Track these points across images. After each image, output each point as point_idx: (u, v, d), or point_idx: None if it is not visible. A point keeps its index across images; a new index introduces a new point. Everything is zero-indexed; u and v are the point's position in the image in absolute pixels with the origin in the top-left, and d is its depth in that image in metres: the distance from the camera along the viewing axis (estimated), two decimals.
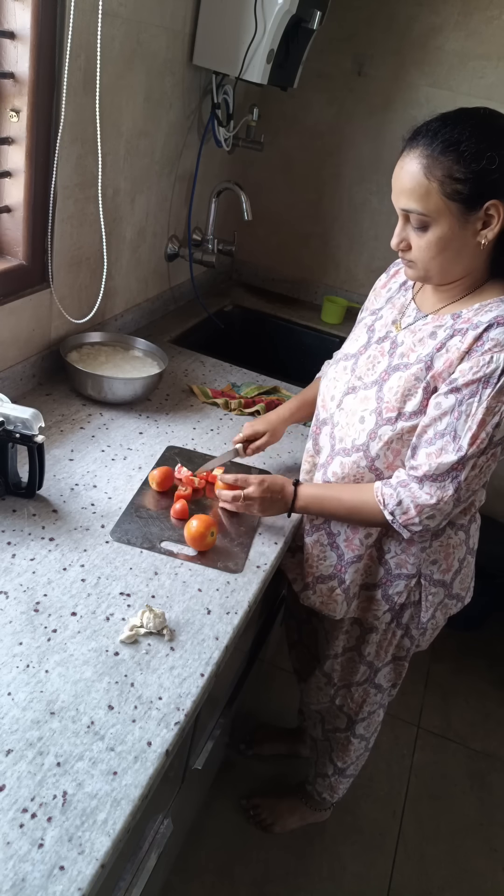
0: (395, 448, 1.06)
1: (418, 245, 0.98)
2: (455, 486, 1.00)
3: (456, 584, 1.21)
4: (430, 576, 1.18)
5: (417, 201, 0.93)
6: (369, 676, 1.34)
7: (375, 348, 1.12)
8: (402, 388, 1.04)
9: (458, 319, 1.01)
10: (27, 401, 1.38)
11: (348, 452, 1.11)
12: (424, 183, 0.92)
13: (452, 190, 0.91)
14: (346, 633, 1.31)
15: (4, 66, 1.16)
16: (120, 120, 1.43)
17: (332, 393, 1.17)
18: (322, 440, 1.20)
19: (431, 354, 1.02)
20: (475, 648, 2.39)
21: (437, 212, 0.93)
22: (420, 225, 0.96)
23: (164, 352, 1.56)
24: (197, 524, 1.08)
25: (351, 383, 1.13)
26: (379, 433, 1.06)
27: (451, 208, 0.92)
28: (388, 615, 1.23)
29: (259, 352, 2.20)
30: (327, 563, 1.22)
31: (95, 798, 0.71)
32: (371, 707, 1.40)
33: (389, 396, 1.05)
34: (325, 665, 1.38)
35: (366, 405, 1.08)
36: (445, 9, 1.88)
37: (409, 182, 0.94)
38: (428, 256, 0.98)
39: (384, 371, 1.08)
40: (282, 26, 1.54)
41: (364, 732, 1.46)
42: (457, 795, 1.90)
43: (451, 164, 0.90)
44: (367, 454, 1.08)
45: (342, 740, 1.48)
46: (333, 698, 1.42)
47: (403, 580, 1.18)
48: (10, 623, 0.89)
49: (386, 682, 1.35)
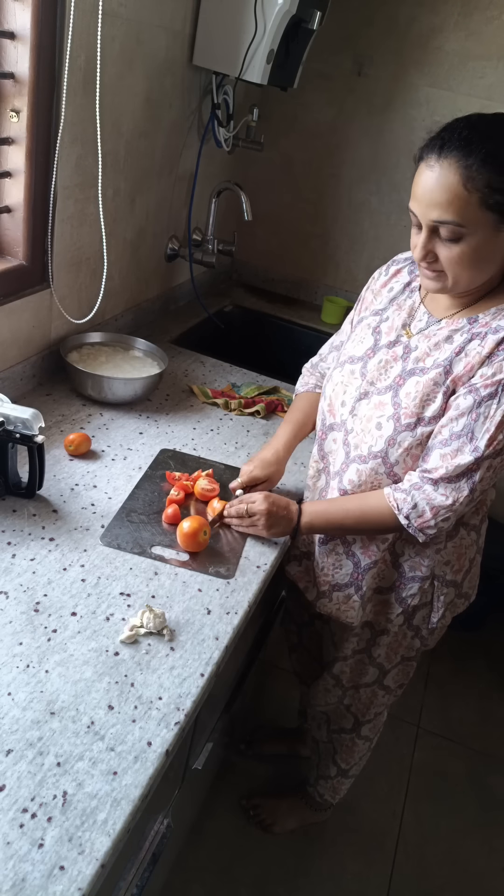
0: (415, 454, 1.05)
1: (448, 257, 0.95)
2: (470, 486, 0.99)
3: (466, 583, 1.22)
4: (443, 577, 1.18)
5: (455, 213, 0.90)
6: (378, 678, 1.34)
7: (386, 352, 1.10)
8: (420, 393, 1.03)
9: (475, 324, 1.01)
10: (27, 401, 1.38)
11: (365, 459, 1.09)
12: (464, 195, 0.89)
13: (494, 201, 0.89)
14: (357, 636, 1.30)
15: (4, 66, 1.16)
16: (120, 120, 1.43)
17: (341, 398, 1.15)
18: (329, 446, 1.18)
19: (450, 359, 1.01)
20: (475, 649, 2.39)
21: (475, 223, 0.91)
22: (454, 237, 0.93)
23: (164, 352, 1.56)
24: (189, 524, 1.07)
25: (363, 388, 1.11)
26: (398, 439, 1.05)
27: (490, 219, 0.91)
28: (401, 618, 1.22)
29: (259, 352, 2.19)
30: (343, 571, 1.21)
31: (95, 798, 0.71)
32: (378, 708, 1.40)
33: (407, 402, 1.04)
34: (333, 667, 1.37)
35: (382, 411, 1.07)
36: (445, 9, 1.88)
37: (444, 194, 0.90)
38: (459, 268, 0.96)
39: (398, 376, 1.07)
40: (282, 26, 1.54)
41: (369, 734, 1.46)
42: (457, 795, 1.90)
43: (493, 174, 0.88)
44: (385, 461, 1.07)
45: (347, 742, 1.48)
46: (342, 699, 1.41)
47: (418, 582, 1.17)
48: (10, 623, 0.89)
49: (394, 684, 1.35)
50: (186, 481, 1.23)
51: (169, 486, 1.22)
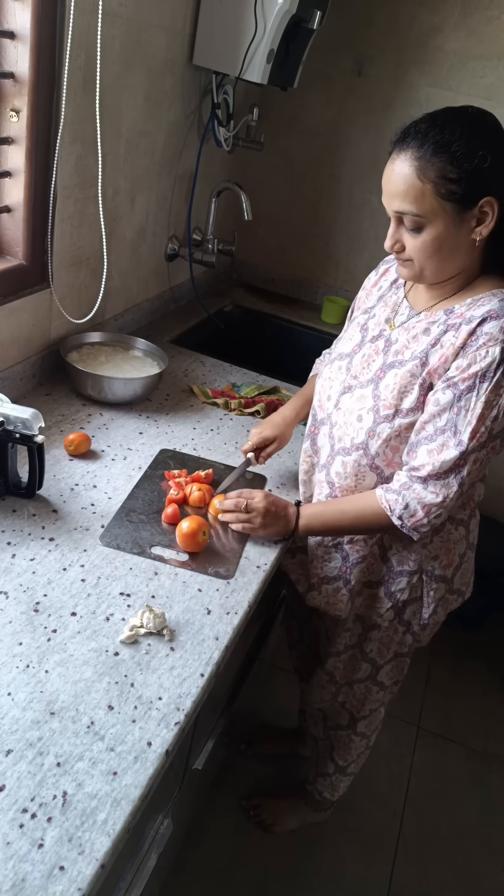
0: (394, 445, 1.06)
1: (413, 246, 0.98)
2: (459, 481, 1.00)
3: (457, 579, 1.22)
4: (431, 571, 1.18)
5: (412, 203, 0.94)
6: (371, 673, 1.34)
7: (370, 347, 1.13)
8: (398, 385, 1.04)
9: (451, 315, 1.02)
10: (27, 401, 1.38)
11: (348, 451, 1.12)
12: (418, 185, 0.93)
13: (447, 190, 0.92)
14: (349, 631, 1.31)
15: (4, 66, 1.16)
16: (120, 120, 1.43)
17: (328, 393, 1.18)
18: (320, 440, 1.20)
19: (426, 350, 1.02)
20: (475, 649, 2.39)
21: (432, 213, 0.94)
22: (415, 226, 0.96)
23: (164, 352, 1.56)
24: (189, 524, 1.07)
25: (347, 382, 1.14)
26: (377, 431, 1.07)
27: (446, 208, 0.93)
28: (391, 612, 1.23)
29: (259, 352, 2.19)
30: (332, 564, 1.22)
31: (95, 798, 0.71)
32: (373, 705, 1.40)
33: (386, 394, 1.06)
34: (327, 663, 1.38)
35: (363, 403, 1.09)
36: (445, 9, 1.88)
37: (401, 184, 0.94)
38: (423, 256, 0.98)
39: (379, 369, 1.09)
40: (282, 26, 1.54)
41: (365, 730, 1.46)
42: (457, 795, 1.90)
43: (444, 164, 0.91)
44: (367, 452, 1.09)
45: (344, 738, 1.48)
46: (336, 696, 1.42)
47: (406, 577, 1.18)
48: (10, 623, 0.89)
49: (388, 680, 1.36)
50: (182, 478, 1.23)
51: (168, 486, 1.22)
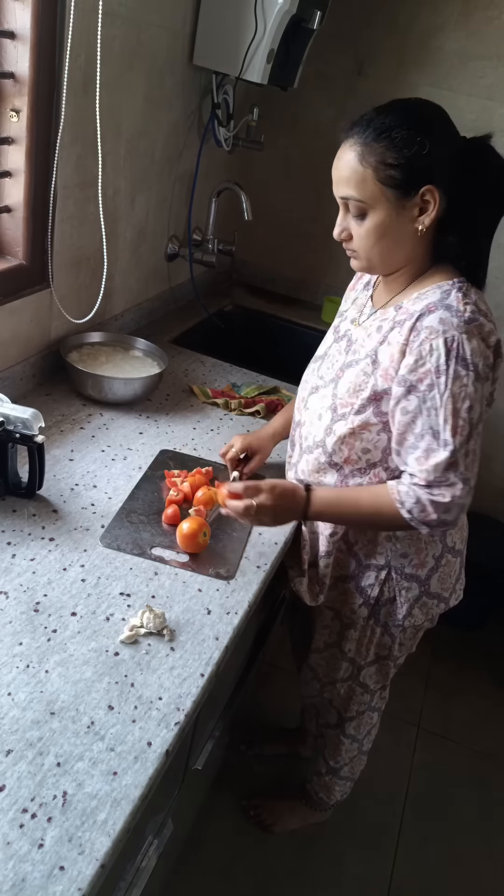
0: (349, 442, 1.08)
1: (358, 234, 1.00)
2: (461, 477, 0.99)
3: (434, 582, 1.20)
4: (400, 569, 1.18)
5: (354, 188, 0.96)
6: (353, 673, 1.34)
7: (335, 347, 1.16)
8: (352, 383, 1.06)
9: (400, 311, 1.03)
10: (27, 401, 1.38)
11: (311, 450, 1.14)
12: (360, 170, 0.95)
13: (386, 175, 0.94)
14: (327, 628, 1.32)
15: (4, 66, 1.16)
16: (120, 120, 1.43)
17: (301, 395, 1.21)
18: (295, 440, 1.23)
19: (375, 348, 1.04)
20: (475, 649, 2.39)
21: (374, 198, 0.96)
22: (358, 213, 0.99)
23: (164, 352, 1.56)
24: (189, 524, 1.07)
25: (314, 384, 1.17)
26: (333, 428, 1.09)
27: (387, 194, 0.95)
28: (365, 609, 1.23)
29: (259, 352, 2.19)
30: (315, 550, 1.23)
31: (95, 798, 0.71)
32: (359, 707, 1.40)
33: (342, 392, 1.08)
34: (310, 659, 1.40)
35: (324, 402, 1.12)
36: (445, 9, 1.88)
37: (345, 170, 0.97)
38: (368, 244, 1.00)
39: (339, 368, 1.11)
40: (282, 26, 1.54)
41: (354, 733, 1.45)
42: (457, 795, 1.90)
43: (383, 150, 0.93)
44: (325, 450, 1.11)
45: (333, 738, 1.48)
46: (321, 692, 1.43)
47: (374, 571, 1.18)
48: (10, 623, 0.89)
49: (373, 683, 1.35)
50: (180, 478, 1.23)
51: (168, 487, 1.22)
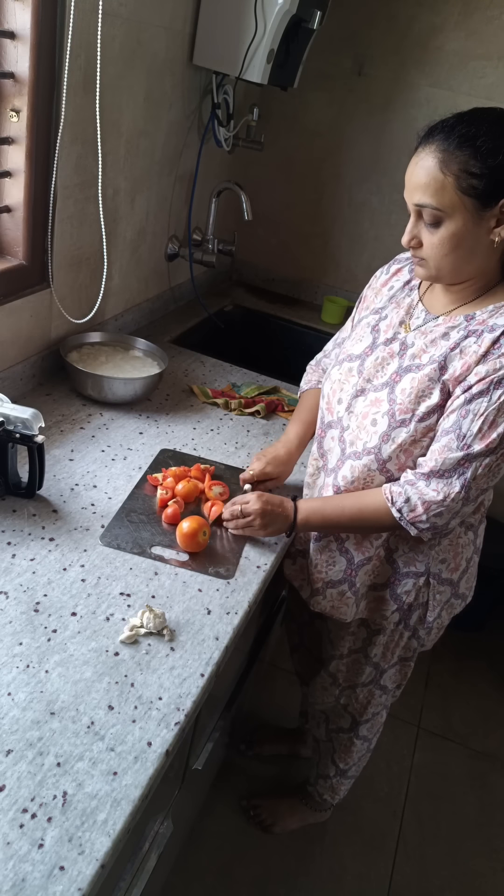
0: (409, 450, 1.05)
1: (430, 242, 0.97)
2: (462, 482, 0.98)
3: (462, 583, 1.21)
4: (438, 574, 1.17)
5: (432, 196, 0.93)
6: (375, 678, 1.33)
7: (383, 350, 1.10)
8: (415, 389, 1.03)
9: (472, 321, 1.01)
10: (27, 401, 1.38)
11: (359, 456, 1.09)
12: (440, 177, 0.92)
13: (468, 185, 0.91)
14: (353, 635, 1.30)
15: (4, 66, 1.16)
16: (120, 120, 1.43)
17: (338, 396, 1.15)
18: (328, 443, 1.18)
19: (445, 355, 1.01)
20: (476, 649, 2.39)
21: (452, 207, 0.93)
22: (433, 221, 0.95)
23: (164, 352, 1.55)
24: (189, 524, 1.07)
25: (359, 385, 1.11)
26: (392, 435, 1.05)
27: (466, 204, 0.92)
28: (397, 615, 1.22)
29: (259, 352, 2.19)
30: (337, 567, 1.20)
31: (95, 798, 0.71)
32: (375, 708, 1.40)
33: (402, 398, 1.04)
34: (329, 666, 1.37)
35: (377, 407, 1.07)
36: (445, 9, 1.87)
37: (423, 177, 0.93)
38: (440, 254, 0.97)
39: (395, 372, 1.07)
40: (282, 26, 1.54)
41: (367, 734, 1.46)
42: (457, 795, 1.90)
43: (467, 158, 0.90)
44: (378, 457, 1.07)
45: (345, 741, 1.48)
46: (338, 698, 1.41)
47: (412, 578, 1.17)
48: (10, 623, 0.89)
49: (391, 684, 1.35)
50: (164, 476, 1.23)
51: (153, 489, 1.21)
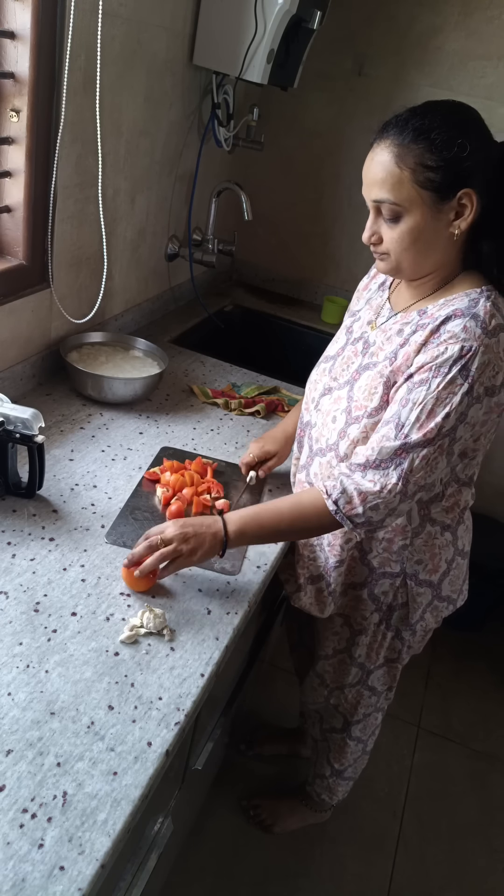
0: (361, 446, 1.05)
1: (390, 237, 0.97)
2: (399, 473, 0.95)
3: (445, 585, 1.20)
4: (415, 575, 1.17)
5: (389, 191, 0.93)
6: (362, 678, 1.33)
7: (350, 349, 1.13)
8: (368, 386, 1.04)
9: (424, 315, 1.01)
10: (27, 401, 1.38)
11: (323, 452, 1.12)
12: (396, 172, 0.92)
13: (425, 178, 0.91)
14: (336, 635, 1.31)
15: (4, 66, 1.16)
16: (120, 120, 1.43)
17: (312, 395, 1.18)
18: (305, 441, 1.20)
19: (396, 351, 1.02)
20: (475, 649, 2.39)
21: (410, 201, 0.93)
22: (392, 216, 0.95)
23: (164, 352, 1.56)
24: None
25: (327, 384, 1.14)
26: (347, 431, 1.06)
27: (424, 197, 0.92)
28: (377, 616, 1.22)
29: (259, 352, 2.19)
30: (317, 563, 1.21)
31: (95, 798, 0.71)
32: (366, 709, 1.39)
33: (358, 395, 1.05)
34: (317, 665, 1.38)
35: (338, 405, 1.09)
36: (445, 9, 1.88)
37: (380, 172, 0.94)
38: (400, 248, 0.97)
39: (356, 370, 1.09)
40: (282, 26, 1.54)
41: (360, 735, 1.45)
42: (457, 796, 1.90)
43: (422, 151, 0.90)
44: (336, 453, 1.09)
45: (338, 741, 1.48)
46: (328, 698, 1.42)
47: (388, 579, 1.18)
48: (10, 623, 0.89)
49: (380, 686, 1.35)
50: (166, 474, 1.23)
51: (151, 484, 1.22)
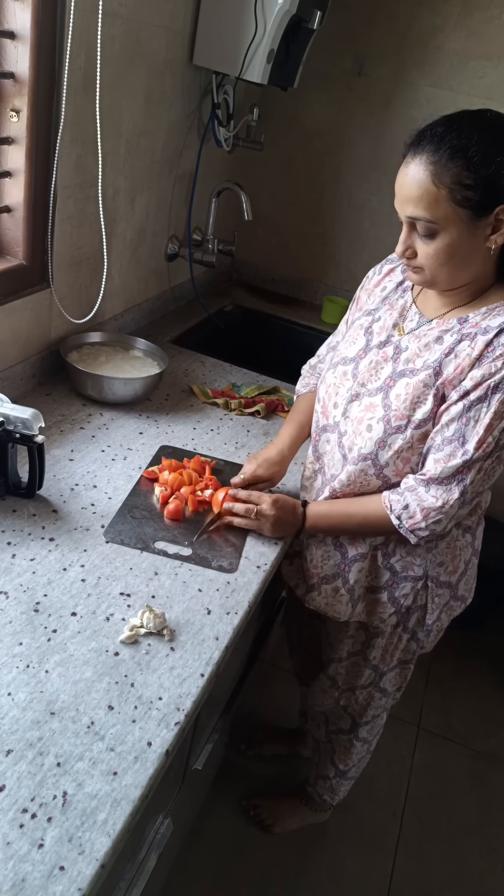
0: (406, 456, 1.04)
1: (426, 252, 0.96)
2: (461, 489, 0.99)
3: (461, 585, 1.21)
4: (436, 577, 1.17)
5: (426, 209, 0.92)
6: (374, 680, 1.33)
7: (377, 353, 1.09)
8: (410, 395, 1.02)
9: (466, 324, 1.00)
10: (27, 401, 1.38)
11: (355, 461, 1.09)
12: (433, 190, 0.90)
13: (463, 197, 0.89)
14: (352, 638, 1.30)
15: (4, 66, 1.16)
16: (120, 120, 1.43)
17: (334, 400, 1.14)
18: (323, 447, 1.18)
19: (440, 360, 1.00)
20: (476, 649, 2.39)
21: (446, 219, 0.91)
22: (428, 233, 0.94)
23: (164, 352, 1.55)
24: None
25: (354, 390, 1.11)
26: (388, 441, 1.04)
27: (461, 215, 0.91)
28: (394, 618, 1.22)
29: (259, 352, 2.19)
30: (331, 562, 1.21)
31: (95, 798, 0.71)
32: (375, 711, 1.40)
33: (398, 404, 1.03)
34: (329, 668, 1.37)
35: (372, 413, 1.06)
36: (445, 9, 1.87)
37: (416, 189, 0.92)
38: (436, 264, 0.96)
39: (389, 377, 1.06)
40: (282, 26, 1.54)
41: (367, 736, 1.45)
42: (457, 795, 1.90)
43: (460, 170, 0.88)
44: (375, 462, 1.06)
45: (345, 743, 1.48)
46: (338, 700, 1.41)
47: (410, 582, 1.17)
48: (10, 623, 0.89)
49: (391, 687, 1.35)
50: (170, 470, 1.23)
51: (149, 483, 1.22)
